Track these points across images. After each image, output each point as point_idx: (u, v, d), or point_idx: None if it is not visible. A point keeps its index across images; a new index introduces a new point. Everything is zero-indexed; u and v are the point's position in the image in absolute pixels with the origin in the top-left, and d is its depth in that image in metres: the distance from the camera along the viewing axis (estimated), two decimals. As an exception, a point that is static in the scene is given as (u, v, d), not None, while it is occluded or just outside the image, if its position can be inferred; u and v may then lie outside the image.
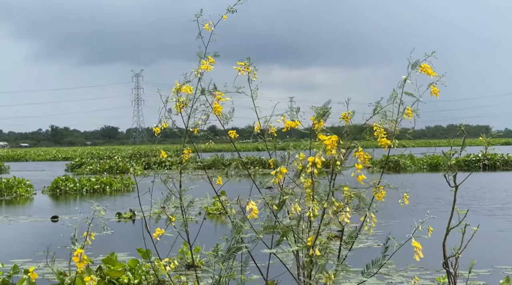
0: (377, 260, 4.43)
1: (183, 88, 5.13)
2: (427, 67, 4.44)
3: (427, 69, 4.43)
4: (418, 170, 48.39)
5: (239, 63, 5.09)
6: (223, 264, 4.70)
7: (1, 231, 19.76)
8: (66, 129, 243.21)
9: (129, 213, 21.77)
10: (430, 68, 4.44)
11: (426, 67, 4.44)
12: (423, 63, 4.45)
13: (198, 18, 5.20)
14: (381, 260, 4.40)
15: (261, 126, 5.13)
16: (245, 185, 5.74)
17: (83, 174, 46.85)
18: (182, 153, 5.43)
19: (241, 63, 5.11)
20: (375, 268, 4.41)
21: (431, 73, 4.43)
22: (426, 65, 4.45)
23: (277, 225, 4.60)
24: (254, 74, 5.08)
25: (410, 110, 4.39)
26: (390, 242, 4.45)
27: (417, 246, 4.22)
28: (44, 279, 11.90)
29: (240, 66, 5.08)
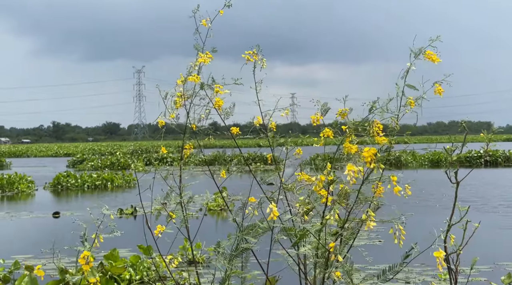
0: (395, 265, 4.41)
1: (190, 77, 5.11)
2: (432, 53, 4.38)
3: (431, 56, 4.37)
4: (419, 166, 48.38)
5: (247, 52, 5.06)
6: (229, 262, 4.69)
7: (2, 227, 19.77)
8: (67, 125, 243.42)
9: (131, 209, 21.78)
10: (434, 54, 4.38)
11: (430, 54, 4.38)
12: (428, 50, 4.39)
13: (195, 14, 5.19)
14: (398, 267, 4.38)
15: (263, 121, 5.12)
16: (246, 181, 5.74)
17: (85, 170, 46.89)
18: (183, 148, 5.42)
19: (249, 51, 5.07)
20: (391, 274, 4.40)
21: (435, 59, 4.36)
22: (430, 51, 4.39)
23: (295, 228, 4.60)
24: (263, 62, 5.04)
25: (412, 100, 4.34)
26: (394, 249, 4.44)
27: (439, 256, 4.20)
28: (45, 275, 11.91)
29: (248, 55, 5.04)
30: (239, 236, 4.72)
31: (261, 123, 5.09)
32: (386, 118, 4.35)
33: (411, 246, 4.38)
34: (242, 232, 4.73)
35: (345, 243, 4.53)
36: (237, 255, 4.71)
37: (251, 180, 5.38)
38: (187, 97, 5.16)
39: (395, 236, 4.40)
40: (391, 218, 4.41)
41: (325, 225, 4.35)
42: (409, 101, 4.32)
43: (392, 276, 4.38)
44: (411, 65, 4.37)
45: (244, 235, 4.67)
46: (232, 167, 5.46)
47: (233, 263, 4.72)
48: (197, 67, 5.15)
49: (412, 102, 4.31)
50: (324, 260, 4.37)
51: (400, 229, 4.39)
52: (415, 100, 4.36)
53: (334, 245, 4.35)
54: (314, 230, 4.36)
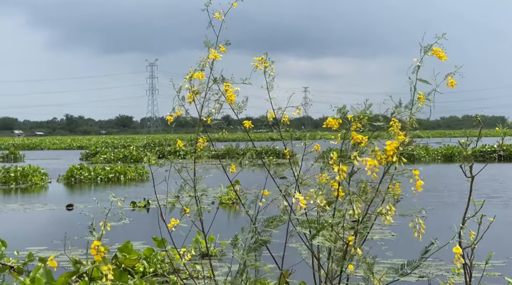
0: (413, 261, 4.41)
1: (195, 74, 5.12)
2: (439, 50, 4.37)
3: (438, 53, 4.36)
4: (432, 160, 48.22)
5: (256, 59, 5.07)
6: (247, 254, 4.69)
7: (16, 219, 19.89)
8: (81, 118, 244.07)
9: (144, 202, 21.85)
10: (441, 51, 4.37)
11: (437, 51, 4.37)
12: (435, 47, 4.38)
13: (207, 7, 5.19)
14: (417, 262, 4.37)
15: (276, 116, 5.12)
16: (259, 175, 5.75)
17: (98, 163, 47.04)
18: (197, 142, 5.43)
19: (258, 58, 5.08)
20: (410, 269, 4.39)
21: (443, 57, 4.36)
22: (437, 48, 4.38)
23: (314, 219, 4.60)
24: (271, 69, 5.06)
25: (422, 95, 4.33)
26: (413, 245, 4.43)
27: (458, 252, 4.19)
28: (59, 267, 11.97)
29: (258, 61, 5.06)
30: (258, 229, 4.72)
31: (274, 117, 5.10)
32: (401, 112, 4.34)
33: (431, 241, 4.38)
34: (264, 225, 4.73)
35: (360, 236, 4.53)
36: (255, 248, 4.72)
37: (265, 174, 5.39)
38: (199, 92, 5.17)
39: (415, 229, 4.40)
40: (411, 212, 4.40)
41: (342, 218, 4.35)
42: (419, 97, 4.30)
43: (410, 271, 4.38)
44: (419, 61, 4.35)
45: (265, 228, 4.67)
46: (244, 161, 5.47)
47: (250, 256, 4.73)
48: (208, 63, 5.15)
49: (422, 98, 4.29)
50: (342, 253, 4.37)
51: (420, 223, 4.39)
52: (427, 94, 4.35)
53: (352, 239, 4.35)
54: (332, 223, 4.36)
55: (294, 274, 7.58)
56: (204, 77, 5.19)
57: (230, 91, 5.11)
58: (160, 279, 10.90)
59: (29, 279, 8.98)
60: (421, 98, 4.34)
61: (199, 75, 5.11)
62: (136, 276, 10.46)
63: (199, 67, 5.17)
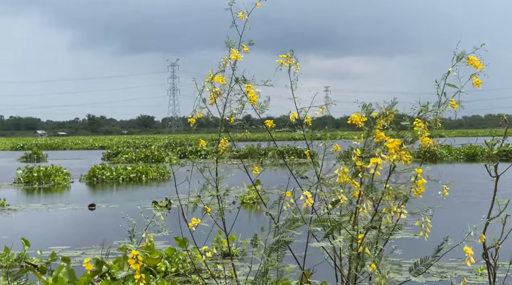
0: (426, 259, 4.37)
1: (216, 78, 5.12)
2: (474, 59, 4.35)
3: (474, 62, 4.34)
4: (454, 160, 47.93)
5: (282, 56, 5.06)
6: (269, 255, 4.68)
7: (39, 219, 20.04)
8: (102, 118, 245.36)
9: (165, 202, 21.92)
10: (477, 61, 4.35)
11: (473, 60, 4.35)
12: (471, 56, 4.36)
13: (231, 6, 5.19)
14: (430, 260, 4.34)
15: (298, 116, 5.10)
16: (280, 175, 5.73)
17: (119, 162, 47.25)
18: (219, 142, 5.43)
19: (283, 55, 5.07)
20: (423, 267, 4.36)
21: (478, 65, 4.34)
22: (473, 57, 4.36)
23: (326, 219, 4.58)
24: (296, 66, 5.04)
25: (454, 102, 4.31)
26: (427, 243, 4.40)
27: (468, 252, 4.16)
28: (81, 266, 12.04)
29: (283, 59, 5.04)
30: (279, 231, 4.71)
31: (296, 118, 5.08)
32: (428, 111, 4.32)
33: (443, 240, 4.34)
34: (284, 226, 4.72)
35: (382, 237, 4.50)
36: (277, 248, 4.70)
37: (287, 174, 5.38)
38: (220, 93, 5.17)
39: (421, 228, 4.37)
40: (419, 211, 4.37)
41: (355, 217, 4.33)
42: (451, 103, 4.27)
43: (424, 269, 4.34)
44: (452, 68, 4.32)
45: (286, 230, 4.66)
46: (265, 161, 5.45)
47: (272, 256, 4.72)
48: (230, 63, 5.15)
49: (454, 104, 4.26)
50: (357, 253, 4.35)
51: (427, 222, 4.36)
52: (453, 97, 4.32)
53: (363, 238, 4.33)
54: (344, 222, 4.34)
55: (316, 274, 7.55)
56: (225, 80, 5.18)
57: (252, 92, 5.11)
58: (181, 278, 10.94)
59: (52, 278, 9.04)
60: (453, 104, 4.32)
61: (220, 79, 5.11)
62: (158, 276, 10.49)
63: (219, 68, 5.16)
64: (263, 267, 4.73)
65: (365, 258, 4.32)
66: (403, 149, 4.05)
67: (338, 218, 4.45)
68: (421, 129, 4.29)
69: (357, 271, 4.39)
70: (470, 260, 4.23)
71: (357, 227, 4.39)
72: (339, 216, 4.59)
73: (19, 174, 32.64)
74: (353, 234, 4.37)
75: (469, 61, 4.35)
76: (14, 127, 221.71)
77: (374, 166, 4.05)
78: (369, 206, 4.34)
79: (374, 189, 4.34)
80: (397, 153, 3.99)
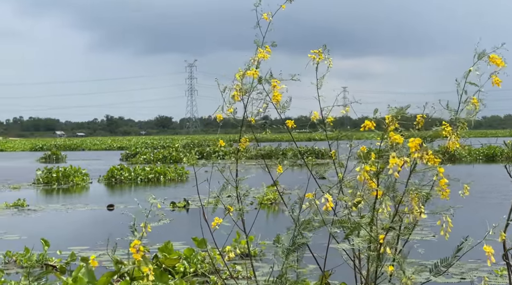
0: (446, 259, 4.35)
1: (248, 72, 5.12)
2: (496, 57, 4.32)
3: (495, 60, 4.31)
4: (474, 160, 47.65)
5: (313, 51, 5.06)
6: (287, 257, 4.68)
7: (59, 219, 20.17)
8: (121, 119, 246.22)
9: (183, 202, 21.97)
10: (499, 58, 4.32)
11: (495, 58, 4.32)
12: (492, 54, 4.33)
13: (257, 7, 5.19)
14: (451, 260, 4.32)
15: (322, 116, 5.10)
16: (298, 175, 5.72)
17: (138, 163, 47.41)
18: (240, 142, 5.44)
19: (315, 50, 5.07)
20: (443, 267, 4.34)
21: (500, 63, 4.31)
22: (495, 55, 4.33)
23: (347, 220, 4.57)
24: (329, 62, 5.05)
25: (475, 100, 4.28)
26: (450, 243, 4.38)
27: (489, 251, 4.14)
28: (101, 267, 12.10)
29: (314, 54, 5.05)
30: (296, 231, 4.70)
31: (318, 118, 5.08)
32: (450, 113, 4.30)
33: (462, 239, 4.32)
34: (298, 227, 4.71)
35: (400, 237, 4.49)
36: (294, 250, 4.70)
37: (307, 174, 5.37)
38: (245, 91, 5.17)
39: (442, 228, 4.35)
40: (440, 210, 4.35)
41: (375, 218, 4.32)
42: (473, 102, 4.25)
43: (445, 270, 4.32)
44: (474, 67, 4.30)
45: (301, 230, 4.65)
46: (283, 161, 5.45)
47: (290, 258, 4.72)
48: (256, 62, 5.16)
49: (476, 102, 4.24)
50: (376, 254, 4.34)
51: (448, 221, 4.33)
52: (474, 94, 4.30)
53: (384, 238, 4.31)
54: (365, 223, 4.33)
55: (336, 275, 7.55)
56: (258, 74, 5.18)
57: (276, 91, 5.10)
58: (200, 279, 10.96)
59: (72, 278, 9.09)
60: (475, 102, 4.29)
61: (253, 72, 5.11)
62: (177, 276, 10.52)
63: (247, 66, 5.16)
64: (282, 268, 4.73)
65: (385, 259, 4.31)
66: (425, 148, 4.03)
67: (358, 220, 4.44)
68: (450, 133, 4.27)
69: (377, 272, 4.37)
70: (490, 260, 4.20)
71: (376, 228, 4.37)
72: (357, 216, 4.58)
73: (39, 175, 32.86)
74: (372, 235, 4.35)
75: (491, 59, 4.32)
76: (33, 127, 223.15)
77: (393, 167, 4.04)
78: (388, 207, 4.32)
79: (395, 190, 4.32)
80: (418, 152, 3.97)
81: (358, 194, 4.53)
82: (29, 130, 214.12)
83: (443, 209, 4.33)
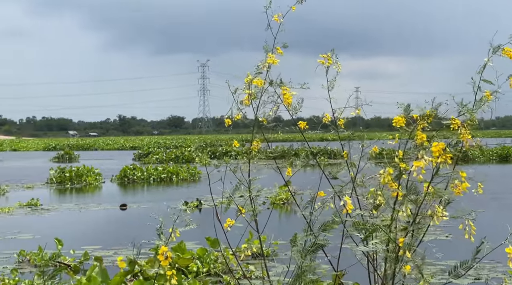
0: (466, 262, 4.34)
1: (254, 81, 5.14)
2: (510, 50, 4.28)
3: (510, 53, 4.27)
4: (487, 161, 47.40)
5: (322, 56, 5.06)
6: (304, 257, 4.68)
7: (72, 219, 20.25)
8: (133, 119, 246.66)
9: (196, 202, 22.01)
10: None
11: (509, 51, 4.28)
12: (506, 47, 4.30)
13: (267, 9, 5.20)
14: (470, 262, 4.31)
15: (334, 117, 5.10)
16: (310, 175, 5.72)
17: (150, 163, 47.51)
18: (252, 143, 5.45)
19: (324, 55, 5.07)
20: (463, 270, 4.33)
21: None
22: (509, 48, 4.29)
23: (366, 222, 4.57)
24: (338, 66, 5.05)
25: (488, 93, 4.26)
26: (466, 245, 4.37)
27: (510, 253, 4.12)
28: (114, 266, 12.15)
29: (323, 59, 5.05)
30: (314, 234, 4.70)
31: (330, 119, 5.09)
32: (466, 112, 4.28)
33: (481, 241, 4.31)
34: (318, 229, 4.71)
35: (415, 238, 4.49)
36: (313, 251, 4.70)
37: (317, 174, 5.37)
38: (254, 95, 5.18)
39: (466, 231, 4.34)
40: (462, 214, 4.35)
41: (395, 220, 4.32)
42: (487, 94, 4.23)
43: (464, 272, 4.31)
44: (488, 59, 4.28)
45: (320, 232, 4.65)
46: (296, 161, 5.45)
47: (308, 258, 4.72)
48: (266, 67, 5.17)
49: (489, 96, 4.22)
50: (395, 255, 4.34)
51: (470, 225, 4.33)
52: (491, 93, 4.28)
53: (403, 240, 4.31)
54: (384, 225, 4.33)
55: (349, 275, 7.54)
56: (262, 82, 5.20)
57: (288, 94, 5.11)
58: (213, 279, 10.98)
59: (85, 278, 9.14)
60: (488, 95, 4.27)
61: (259, 81, 5.12)
62: (190, 276, 10.55)
63: (257, 70, 5.18)
64: (299, 268, 4.73)
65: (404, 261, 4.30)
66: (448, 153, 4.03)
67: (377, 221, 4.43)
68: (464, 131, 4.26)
69: (395, 272, 4.37)
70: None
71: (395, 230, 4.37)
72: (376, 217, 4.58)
73: (52, 174, 33.01)
74: (391, 236, 4.35)
75: (505, 52, 4.29)
76: (46, 127, 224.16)
77: (417, 169, 4.03)
78: (408, 209, 4.31)
79: (416, 192, 4.32)
80: (441, 156, 3.97)
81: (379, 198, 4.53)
82: (42, 130, 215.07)
83: (464, 212, 4.32)
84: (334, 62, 5.04)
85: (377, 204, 4.50)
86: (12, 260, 13.10)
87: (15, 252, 13.24)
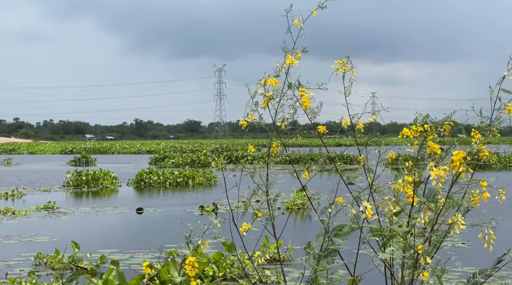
0: (485, 270, 4.33)
1: (269, 81, 5.15)
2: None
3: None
4: (504, 168, 47.13)
5: (337, 62, 5.07)
6: (318, 263, 4.68)
7: (89, 222, 20.33)
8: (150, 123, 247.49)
9: (212, 206, 22.04)
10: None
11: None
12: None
13: (287, 13, 5.20)
14: (490, 271, 4.30)
15: (351, 122, 5.09)
16: (327, 181, 5.72)
17: (166, 167, 47.64)
18: (270, 147, 5.45)
19: (339, 61, 5.07)
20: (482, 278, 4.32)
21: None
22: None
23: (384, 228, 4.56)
24: (352, 72, 5.04)
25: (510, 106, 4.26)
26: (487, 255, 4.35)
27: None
28: (130, 270, 12.20)
29: (338, 65, 5.05)
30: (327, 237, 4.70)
31: (348, 124, 5.08)
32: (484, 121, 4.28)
33: (504, 252, 4.29)
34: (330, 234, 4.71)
35: (433, 245, 4.47)
36: (325, 256, 4.70)
37: (334, 180, 5.37)
38: (270, 98, 5.19)
39: (485, 240, 4.32)
40: (482, 223, 4.33)
41: (413, 226, 4.31)
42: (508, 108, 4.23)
43: (483, 280, 4.29)
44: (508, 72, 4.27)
45: (333, 236, 4.65)
46: (314, 166, 5.45)
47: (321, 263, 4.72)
48: (284, 68, 5.17)
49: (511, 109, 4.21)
50: (413, 262, 4.32)
51: (490, 234, 4.31)
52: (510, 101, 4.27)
53: (422, 247, 4.30)
54: (402, 232, 4.32)
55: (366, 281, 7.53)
56: (278, 83, 5.21)
57: (305, 97, 5.12)
58: (229, 283, 10.99)
59: (102, 281, 9.18)
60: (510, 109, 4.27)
61: (273, 81, 5.13)
62: (206, 280, 10.56)
63: (275, 72, 5.19)
64: (312, 274, 4.73)
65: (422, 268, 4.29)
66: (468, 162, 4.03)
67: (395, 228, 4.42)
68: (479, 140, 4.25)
69: (413, 279, 4.36)
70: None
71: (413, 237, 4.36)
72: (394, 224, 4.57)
73: (68, 178, 33.18)
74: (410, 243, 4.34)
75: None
76: (63, 131, 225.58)
77: (436, 178, 4.03)
78: (426, 216, 4.31)
79: (436, 200, 4.31)
80: (462, 165, 3.97)
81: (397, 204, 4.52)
82: (59, 133, 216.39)
83: (484, 221, 4.31)
84: (349, 68, 5.03)
85: (398, 211, 4.49)
86: (29, 262, 13.17)
87: (32, 255, 13.32)
